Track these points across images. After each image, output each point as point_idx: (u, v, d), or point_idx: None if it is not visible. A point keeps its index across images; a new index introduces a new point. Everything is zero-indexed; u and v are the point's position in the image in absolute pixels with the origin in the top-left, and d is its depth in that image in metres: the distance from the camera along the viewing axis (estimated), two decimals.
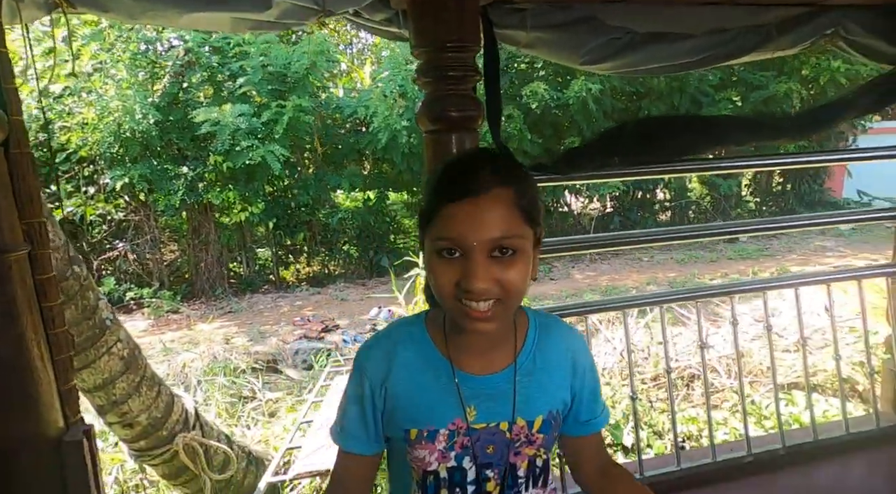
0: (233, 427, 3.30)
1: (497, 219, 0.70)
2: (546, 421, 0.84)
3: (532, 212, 0.74)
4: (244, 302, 6.98)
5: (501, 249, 0.71)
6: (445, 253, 0.72)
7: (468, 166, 0.74)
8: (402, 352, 0.83)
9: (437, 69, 1.24)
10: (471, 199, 0.70)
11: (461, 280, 0.71)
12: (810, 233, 8.81)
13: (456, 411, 0.81)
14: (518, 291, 0.73)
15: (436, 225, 0.73)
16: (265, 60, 7.04)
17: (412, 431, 0.81)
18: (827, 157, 2.09)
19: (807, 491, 1.42)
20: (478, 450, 0.81)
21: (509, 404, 0.82)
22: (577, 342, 0.91)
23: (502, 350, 0.84)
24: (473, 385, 0.82)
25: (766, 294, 1.61)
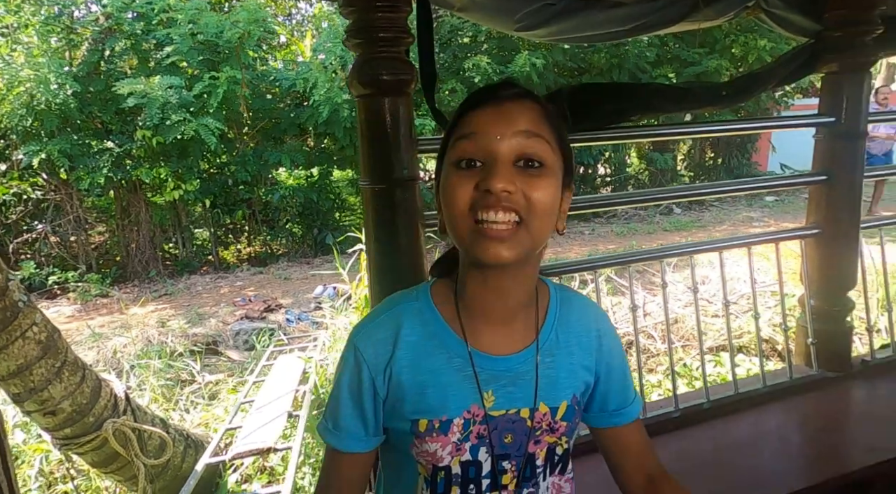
0: (170, 411, 3.18)
1: (525, 125, 0.64)
2: (570, 407, 0.75)
3: (563, 137, 0.68)
4: (181, 284, 6.69)
5: (528, 161, 0.64)
6: (464, 165, 0.64)
7: (499, 83, 0.69)
8: (408, 332, 0.72)
9: (368, 30, 1.19)
10: (496, 104, 0.65)
11: (480, 183, 0.62)
12: (738, 205, 9.31)
13: (472, 396, 0.71)
14: (543, 214, 0.64)
15: (457, 134, 0.66)
16: (194, 28, 6.63)
17: (421, 422, 0.71)
18: (747, 126, 2.19)
19: (728, 440, 1.51)
20: (495, 440, 0.72)
21: (531, 388, 0.73)
22: (602, 318, 0.81)
23: (523, 322, 0.75)
24: (492, 366, 0.72)
25: (692, 257, 1.67)
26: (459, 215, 0.64)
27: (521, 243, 0.64)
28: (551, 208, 0.65)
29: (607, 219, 8.83)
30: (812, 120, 1.74)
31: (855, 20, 1.61)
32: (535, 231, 0.64)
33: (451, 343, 0.72)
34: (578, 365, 0.77)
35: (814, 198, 1.76)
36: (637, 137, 1.75)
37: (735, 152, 10.06)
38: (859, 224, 1.72)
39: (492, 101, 0.65)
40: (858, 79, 1.66)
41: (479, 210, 0.62)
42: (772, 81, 1.72)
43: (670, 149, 9.93)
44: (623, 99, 1.50)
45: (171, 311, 5.56)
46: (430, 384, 0.71)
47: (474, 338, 0.73)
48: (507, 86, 0.67)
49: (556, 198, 0.66)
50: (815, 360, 1.75)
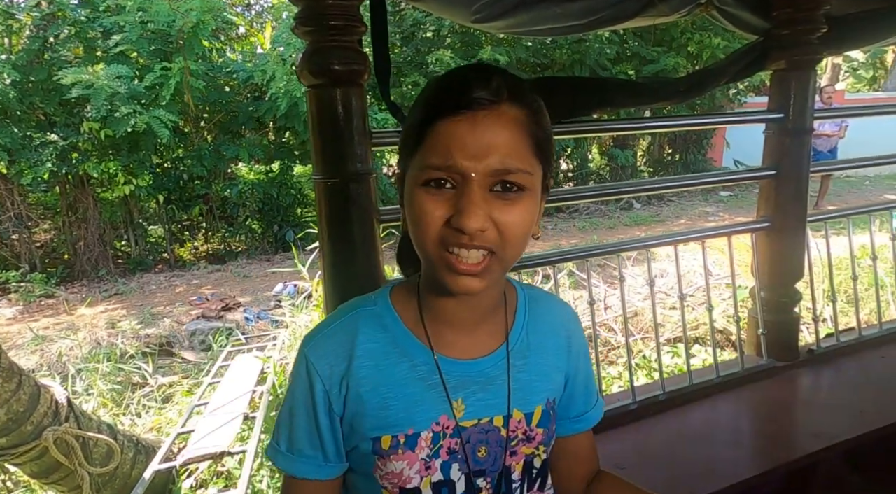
0: (120, 416, 3.05)
1: (503, 145, 0.56)
2: (545, 412, 0.71)
3: (545, 145, 0.61)
4: (133, 283, 6.43)
5: (505, 184, 0.57)
6: (433, 185, 0.57)
7: (470, 76, 0.58)
8: (366, 340, 0.66)
9: (318, 18, 1.15)
10: (469, 116, 0.56)
11: (452, 217, 0.56)
12: (694, 200, 9.59)
13: (440, 406, 0.65)
14: (517, 241, 0.59)
15: (423, 149, 0.58)
16: (144, 16, 6.35)
17: (384, 439, 0.64)
18: (700, 121, 2.24)
19: (683, 431, 1.53)
20: (468, 454, 0.66)
21: (503, 393, 0.68)
22: (572, 319, 0.78)
23: (491, 326, 0.70)
24: (460, 372, 0.67)
25: (649, 251, 1.69)
26: (429, 241, 0.59)
27: (493, 273, 0.60)
28: (527, 231, 0.60)
29: (570, 214, 8.95)
30: (761, 116, 1.78)
31: (801, 19, 1.66)
32: (508, 260, 0.61)
33: (414, 349, 0.67)
34: (551, 366, 0.73)
35: (763, 192, 1.81)
36: (594, 131, 1.76)
37: (692, 148, 10.35)
38: (806, 217, 1.77)
39: (465, 111, 0.56)
40: (805, 76, 1.70)
41: (450, 244, 0.57)
42: (724, 77, 1.76)
43: (630, 145, 10.13)
44: (582, 93, 1.50)
45: (123, 312, 5.34)
46: (392, 395, 0.65)
47: (440, 344, 0.67)
48: (481, 82, 0.57)
49: (534, 217, 0.61)
50: (765, 350, 1.80)
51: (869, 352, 1.90)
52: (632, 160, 9.89)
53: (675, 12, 1.67)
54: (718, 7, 1.72)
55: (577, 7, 1.55)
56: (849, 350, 1.90)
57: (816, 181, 8.40)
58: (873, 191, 10.05)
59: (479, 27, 1.56)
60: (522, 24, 1.57)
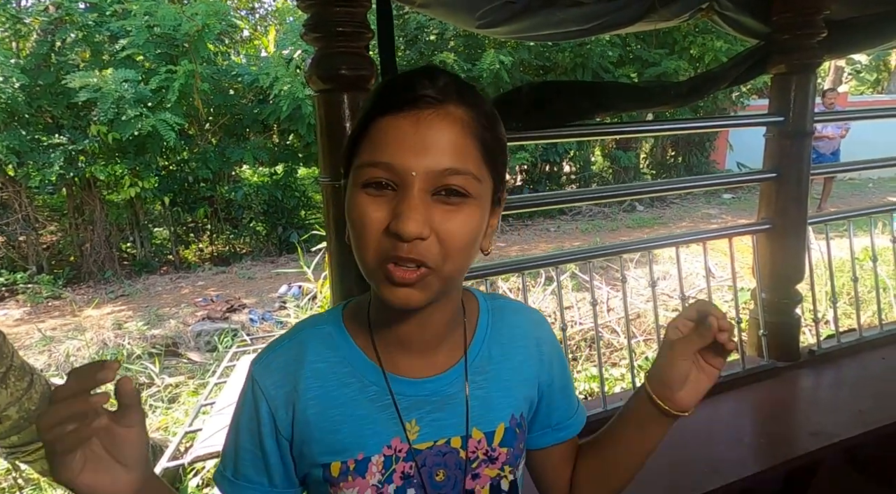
0: None
1: (447, 145, 0.53)
2: (509, 430, 0.67)
3: (494, 153, 0.57)
4: (139, 285, 6.47)
5: (448, 189, 0.53)
6: (373, 188, 0.53)
7: (417, 75, 0.55)
8: (313, 360, 0.63)
9: (326, 24, 1.18)
10: (412, 113, 0.53)
11: (391, 223, 0.52)
12: (697, 202, 9.60)
13: (392, 429, 0.62)
14: (459, 253, 0.55)
15: (364, 147, 0.55)
16: (151, 20, 6.41)
17: (333, 465, 0.61)
18: (702, 124, 2.26)
19: (685, 430, 1.54)
20: (425, 478, 0.62)
21: (461, 412, 0.64)
22: (540, 326, 0.73)
23: (447, 343, 0.66)
24: (413, 392, 0.63)
25: (651, 253, 1.72)
26: (366, 248, 0.54)
27: (432, 287, 0.56)
28: (471, 243, 0.56)
29: (572, 216, 8.97)
30: (762, 119, 1.80)
31: (801, 23, 1.68)
32: (448, 274, 0.56)
33: (364, 369, 0.63)
34: (517, 379, 0.69)
35: (764, 194, 1.83)
36: (596, 134, 1.78)
37: (694, 151, 10.36)
38: (806, 219, 1.79)
39: (408, 109, 0.53)
40: (805, 80, 1.72)
41: (388, 254, 0.53)
42: (725, 81, 1.78)
43: (633, 147, 10.14)
44: (583, 97, 1.52)
45: (129, 313, 5.38)
46: (341, 418, 0.62)
47: (391, 362, 0.63)
48: (428, 80, 0.54)
49: (480, 227, 0.57)
50: (766, 351, 1.81)
51: (869, 353, 1.91)
52: (634, 162, 9.91)
53: (677, 17, 1.69)
54: (719, 12, 1.74)
55: (579, 13, 1.57)
56: (849, 351, 1.91)
57: (819, 183, 8.40)
58: (876, 192, 10.03)
59: (484, 33, 1.59)
60: (526, 30, 1.60)
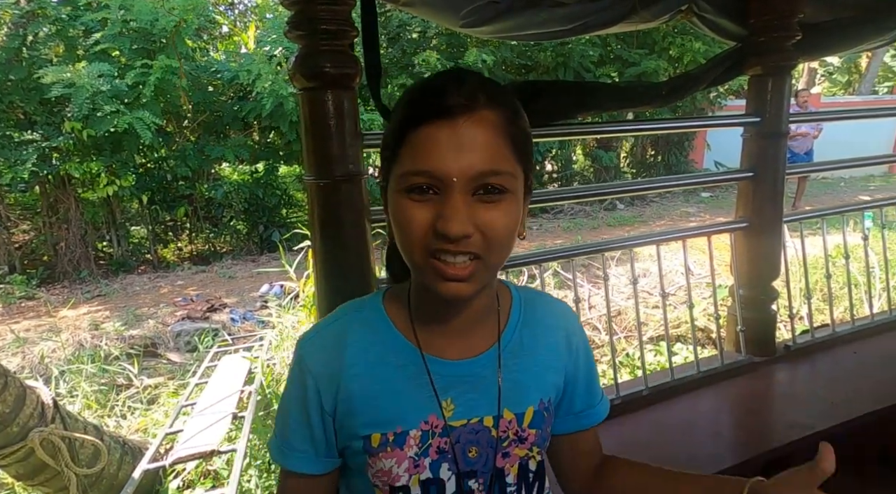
0: (105, 418, 3.03)
1: (483, 148, 0.57)
2: (538, 413, 0.70)
3: (524, 147, 0.62)
4: (116, 285, 6.35)
5: (487, 188, 0.58)
6: (416, 193, 0.58)
7: (446, 82, 0.59)
8: (356, 340, 0.68)
9: (310, 22, 1.17)
10: (447, 121, 0.57)
11: (437, 223, 0.57)
12: (676, 201, 9.75)
13: (429, 406, 0.66)
14: (502, 244, 0.60)
15: (403, 156, 0.59)
16: (126, 15, 6.29)
17: (374, 437, 0.66)
18: (680, 124, 2.29)
19: (666, 424, 1.58)
20: (458, 454, 0.66)
21: (494, 394, 0.68)
22: (570, 317, 0.78)
23: (482, 329, 0.70)
24: (449, 372, 0.68)
25: (632, 251, 1.74)
26: (415, 249, 0.59)
27: (481, 278, 0.61)
28: (511, 233, 0.61)
29: (554, 214, 9.04)
30: (739, 119, 1.84)
31: (777, 26, 1.72)
32: (493, 263, 0.61)
33: (403, 350, 0.68)
34: (546, 367, 0.73)
35: (742, 193, 1.87)
36: (576, 134, 1.79)
37: (674, 150, 10.51)
38: (782, 217, 1.84)
39: (444, 118, 0.57)
40: (780, 81, 1.77)
41: (436, 251, 0.58)
42: (703, 82, 1.81)
43: (614, 147, 10.25)
44: (564, 96, 1.54)
45: (106, 313, 5.28)
46: (382, 394, 0.66)
47: (429, 344, 0.68)
48: (457, 88, 0.58)
49: (517, 218, 0.62)
50: (744, 346, 1.86)
51: (842, 348, 1.97)
52: (615, 161, 10.02)
53: (657, 18, 1.72)
54: (698, 14, 1.77)
55: (561, 13, 1.59)
56: (823, 346, 1.97)
57: (793, 182, 8.60)
58: (848, 191, 10.30)
59: (467, 32, 1.59)
60: (509, 29, 1.61)
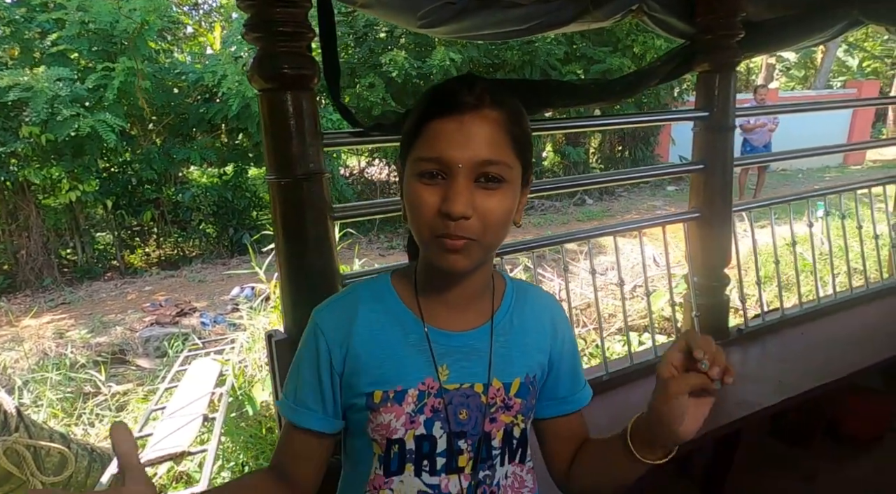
0: (72, 426, 2.98)
1: (483, 140, 0.66)
2: (524, 385, 0.78)
3: (523, 143, 0.70)
4: (81, 292, 6.20)
5: (487, 176, 0.67)
6: (427, 178, 0.67)
7: (456, 85, 0.68)
8: (365, 309, 0.77)
9: (267, 24, 1.19)
10: (456, 117, 0.66)
11: (442, 205, 0.65)
12: (643, 194, 9.98)
13: (427, 369, 0.74)
14: (497, 228, 0.69)
15: (417, 145, 0.69)
16: (85, 16, 6.13)
17: (376, 393, 0.73)
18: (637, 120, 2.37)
19: (625, 406, 1.65)
20: (450, 415, 0.74)
21: (485, 363, 0.76)
22: (556, 308, 0.86)
23: (478, 307, 0.79)
24: (446, 342, 0.76)
25: (590, 242, 1.81)
26: (423, 225, 0.68)
27: (475, 255, 0.69)
28: (507, 218, 0.70)
29: (525, 211, 9.09)
30: (689, 114, 1.93)
31: (721, 25, 1.80)
32: (488, 244, 0.70)
33: (407, 320, 0.76)
34: (533, 346, 0.80)
35: (694, 184, 1.95)
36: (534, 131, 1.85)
37: (640, 145, 10.74)
38: (731, 207, 1.93)
39: (453, 113, 0.66)
40: (726, 77, 1.85)
41: (440, 228, 0.66)
42: (654, 79, 1.88)
43: (582, 143, 10.42)
44: (522, 95, 1.59)
45: (71, 321, 5.16)
46: (386, 356, 0.74)
47: (430, 317, 0.76)
48: (467, 89, 0.67)
49: (513, 206, 0.71)
50: (699, 331, 1.94)
51: (790, 330, 2.07)
52: (584, 157, 10.18)
53: (609, 18, 1.78)
54: (648, 13, 1.84)
55: (516, 13, 1.64)
56: (773, 329, 2.07)
57: (756, 174, 8.89)
58: (805, 182, 10.69)
59: (425, 32, 1.63)
60: (466, 30, 1.65)
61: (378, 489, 0.75)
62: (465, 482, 0.75)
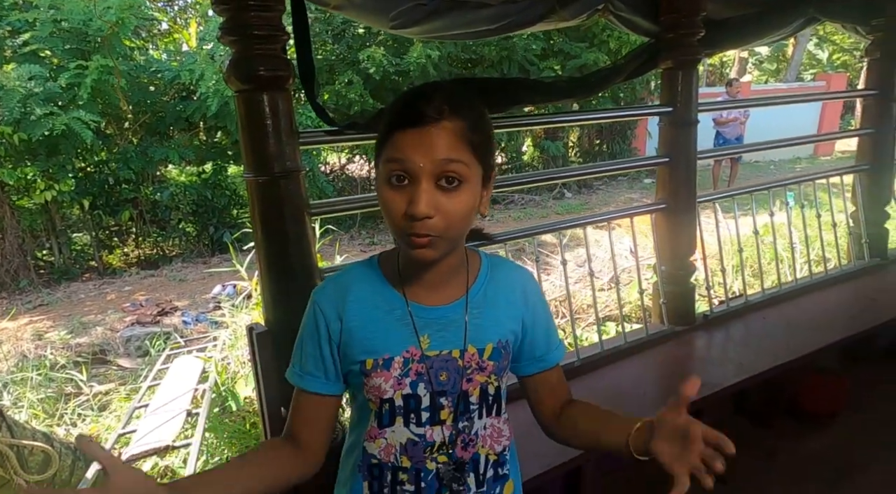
0: (54, 426, 2.97)
1: (443, 146, 0.73)
2: (496, 349, 0.88)
3: (481, 146, 0.77)
4: (59, 293, 6.13)
5: (447, 178, 0.74)
6: (395, 180, 0.75)
7: (420, 96, 0.75)
8: (356, 289, 0.88)
9: (242, 28, 1.23)
10: (419, 129, 0.73)
11: (408, 207, 0.73)
12: (620, 187, 10.13)
13: (410, 339, 0.85)
14: (458, 223, 0.76)
15: (385, 153, 0.76)
16: (57, 14, 6.03)
17: (368, 361, 0.85)
18: (605, 115, 2.44)
19: (595, 391, 1.72)
20: (432, 377, 0.85)
21: (461, 333, 0.87)
22: (528, 279, 0.96)
23: (454, 284, 0.89)
24: (426, 315, 0.86)
25: (560, 233, 1.88)
26: (394, 223, 0.76)
27: (442, 248, 0.77)
28: (468, 214, 0.77)
29: (505, 205, 9.24)
30: (655, 110, 2.00)
31: (684, 23, 1.87)
32: (452, 238, 0.78)
33: (392, 297, 0.87)
34: (505, 315, 0.90)
35: (660, 177, 2.03)
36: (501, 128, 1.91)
37: (617, 139, 10.89)
38: (696, 199, 2.01)
39: (416, 125, 0.73)
40: (689, 73, 1.93)
41: (408, 227, 0.74)
42: (622, 75, 1.95)
43: (561, 137, 10.53)
44: (496, 92, 1.65)
45: (49, 323, 5.11)
46: (374, 329, 0.86)
47: (412, 294, 0.87)
48: (428, 103, 0.74)
49: (474, 202, 0.78)
50: (666, 317, 2.03)
51: (753, 315, 2.17)
52: (562, 151, 10.29)
53: (575, 17, 1.84)
54: (614, 12, 1.91)
55: (486, 14, 1.70)
56: (737, 314, 2.16)
57: (728, 166, 9.09)
58: (776, 173, 10.94)
59: (397, 33, 1.68)
60: (437, 30, 1.70)
61: (374, 438, 0.88)
62: (447, 431, 0.87)
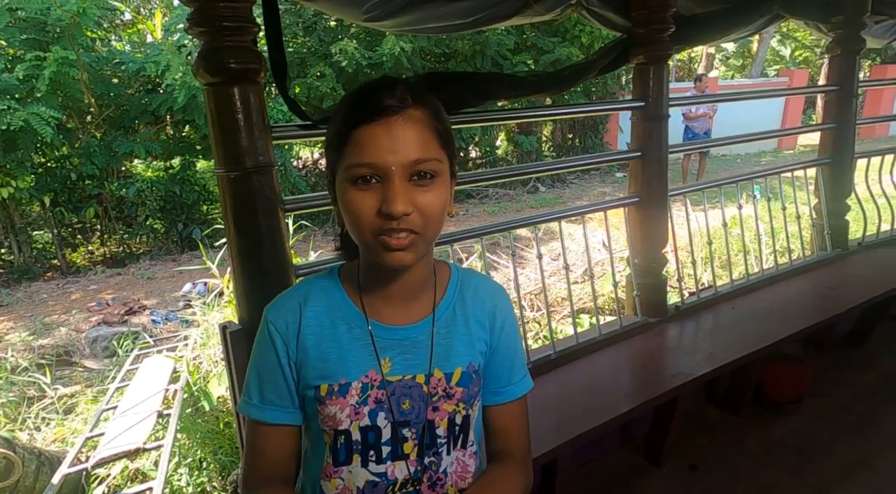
0: (16, 431, 2.87)
1: (413, 141, 0.67)
2: (465, 374, 0.80)
3: (447, 138, 0.73)
4: (20, 293, 5.91)
5: (420, 174, 0.68)
6: (361, 182, 0.68)
7: (377, 88, 0.69)
8: (313, 305, 0.79)
9: (211, 19, 1.19)
10: (384, 121, 0.67)
11: (382, 205, 0.67)
12: (593, 181, 10.26)
13: (370, 362, 0.77)
14: (436, 219, 0.71)
15: (348, 153, 0.69)
16: (13, 4, 5.78)
17: (322, 386, 0.76)
18: (577, 110, 2.45)
19: (571, 382, 1.75)
20: (393, 405, 0.76)
21: (426, 355, 0.78)
22: (500, 298, 0.87)
23: (421, 300, 0.81)
24: (389, 336, 0.78)
25: (536, 228, 1.89)
26: (363, 228, 0.69)
27: (420, 249, 0.71)
28: (443, 211, 0.72)
29: (480, 199, 9.25)
30: (627, 104, 2.03)
31: (654, 19, 1.89)
32: (430, 237, 0.72)
33: (352, 315, 0.79)
34: (474, 336, 0.82)
35: (632, 171, 2.06)
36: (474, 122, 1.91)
37: (589, 134, 11.00)
38: (667, 192, 2.05)
39: (379, 117, 0.67)
40: (660, 69, 1.96)
41: (383, 228, 0.68)
42: (593, 70, 1.97)
43: (534, 132, 10.59)
44: (466, 86, 1.64)
45: (10, 324, 4.92)
46: (331, 350, 0.77)
47: (374, 311, 0.79)
48: (389, 92, 0.68)
49: (447, 197, 0.73)
50: (640, 309, 2.07)
51: (723, 305, 2.23)
52: (536, 145, 10.35)
53: (549, 12, 1.85)
54: (587, 7, 1.93)
55: (460, 7, 1.69)
56: (707, 305, 2.22)
57: (697, 160, 9.29)
58: (744, 167, 11.23)
59: (370, 26, 1.66)
60: (411, 23, 1.69)
61: (329, 477, 0.78)
62: (412, 467, 0.78)
